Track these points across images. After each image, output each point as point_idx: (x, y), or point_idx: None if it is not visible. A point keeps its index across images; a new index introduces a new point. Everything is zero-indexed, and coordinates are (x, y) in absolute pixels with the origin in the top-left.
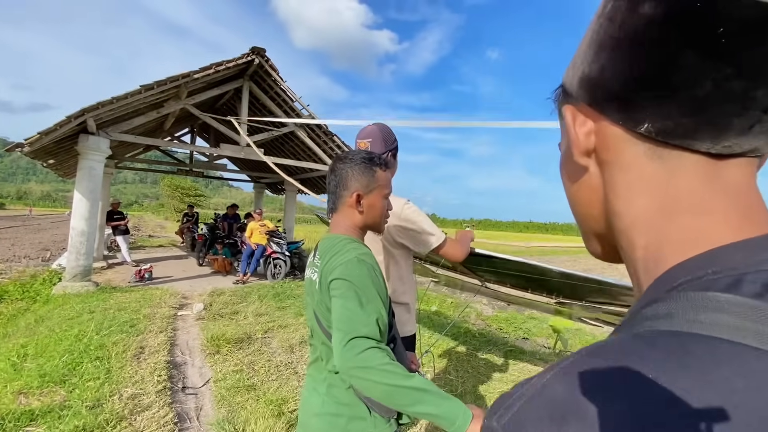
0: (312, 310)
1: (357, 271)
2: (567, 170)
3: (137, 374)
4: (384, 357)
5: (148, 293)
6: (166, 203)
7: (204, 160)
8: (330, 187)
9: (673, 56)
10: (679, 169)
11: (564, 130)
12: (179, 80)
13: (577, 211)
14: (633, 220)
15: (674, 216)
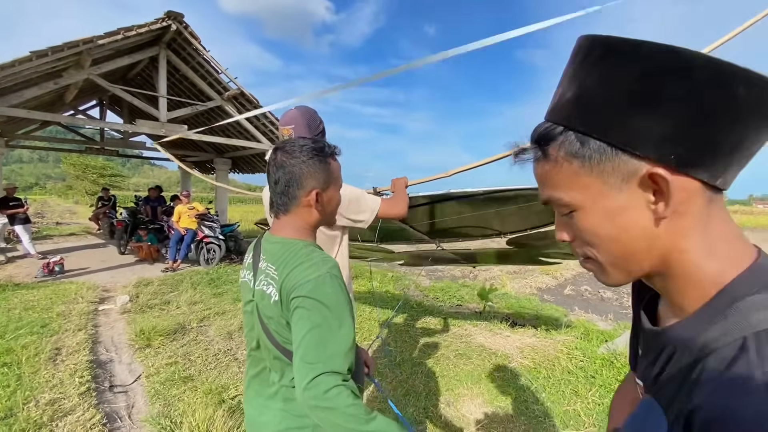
0: (257, 321)
1: (330, 291)
2: (626, 222)
3: (54, 378)
4: (350, 398)
5: (60, 288)
6: (74, 185)
7: (118, 137)
8: (279, 186)
9: (744, 125)
10: (716, 208)
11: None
12: (80, 46)
13: (629, 256)
14: (700, 254)
15: (724, 243)
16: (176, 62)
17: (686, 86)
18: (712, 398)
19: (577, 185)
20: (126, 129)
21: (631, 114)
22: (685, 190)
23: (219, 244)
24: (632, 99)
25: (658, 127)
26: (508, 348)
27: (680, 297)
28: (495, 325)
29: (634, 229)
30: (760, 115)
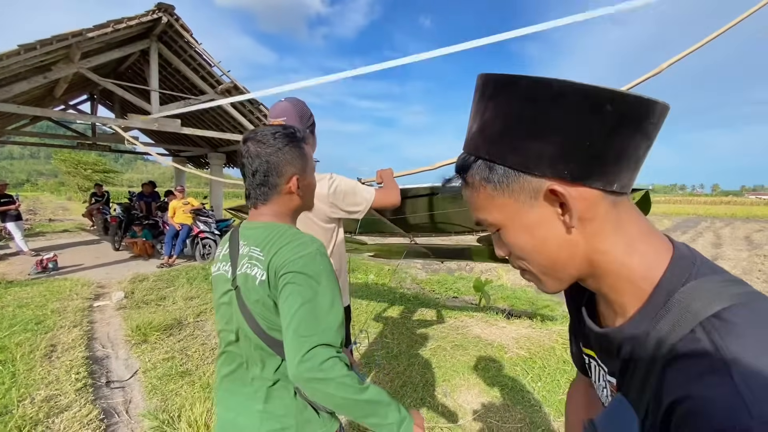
0: (236, 311)
1: (320, 267)
2: (543, 234)
3: (50, 374)
4: (344, 368)
5: (54, 285)
6: (67, 181)
7: (110, 132)
8: (257, 177)
9: (631, 137)
10: (625, 210)
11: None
12: (69, 39)
13: (555, 264)
14: (620, 251)
15: (641, 241)
16: (168, 55)
17: (562, 111)
18: (683, 391)
19: (495, 206)
20: (118, 124)
21: (523, 140)
22: (585, 200)
23: (214, 239)
24: (521, 127)
25: (548, 148)
26: (504, 339)
27: (615, 294)
28: (491, 316)
29: (552, 240)
30: (629, 124)
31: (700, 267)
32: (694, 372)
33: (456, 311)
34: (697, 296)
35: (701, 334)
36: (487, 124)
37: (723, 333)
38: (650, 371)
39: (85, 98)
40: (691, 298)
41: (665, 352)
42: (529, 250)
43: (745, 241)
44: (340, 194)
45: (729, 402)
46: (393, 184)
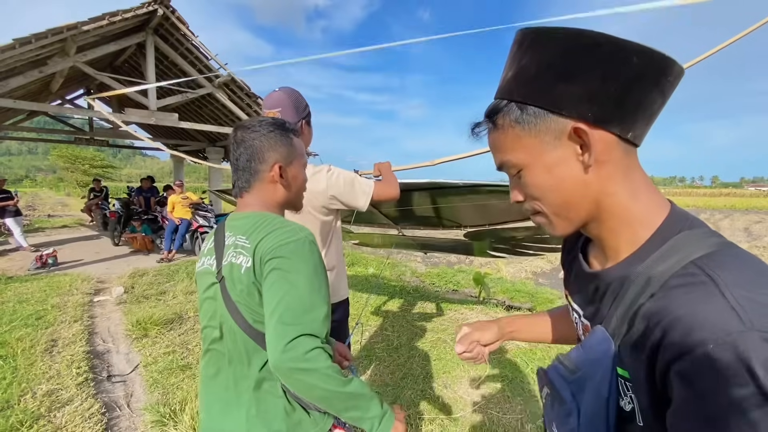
0: (221, 305)
1: (308, 255)
2: (562, 174)
3: (51, 369)
4: (328, 359)
5: (54, 281)
6: (65, 177)
7: (107, 127)
8: (240, 162)
9: (649, 90)
10: (634, 159)
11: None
12: (64, 32)
13: (568, 203)
14: (626, 196)
15: (644, 191)
16: (164, 49)
17: (595, 58)
18: (677, 312)
19: (521, 147)
20: (114, 118)
21: (556, 83)
22: (603, 142)
23: None
24: (555, 71)
25: (576, 91)
26: None
27: (614, 237)
28: (491, 309)
29: (569, 179)
30: (650, 78)
31: (692, 221)
32: (687, 296)
33: (456, 304)
34: (690, 242)
35: (693, 268)
36: (523, 70)
37: (714, 267)
38: (635, 303)
39: (82, 93)
40: (684, 243)
41: (656, 285)
42: (546, 188)
43: (745, 232)
44: (339, 186)
45: (723, 314)
46: (392, 177)
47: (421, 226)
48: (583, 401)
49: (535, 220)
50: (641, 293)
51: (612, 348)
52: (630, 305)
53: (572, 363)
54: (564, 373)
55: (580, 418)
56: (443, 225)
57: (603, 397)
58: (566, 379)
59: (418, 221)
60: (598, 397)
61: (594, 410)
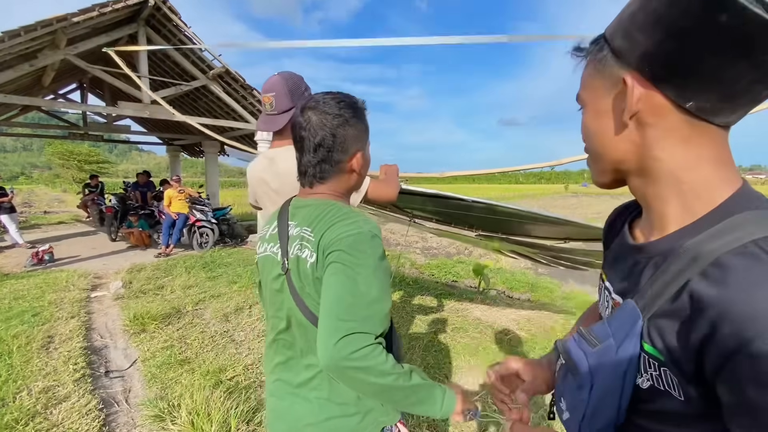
0: (288, 297)
1: (372, 250)
2: (605, 124)
3: (48, 366)
4: (382, 355)
5: (50, 277)
6: (61, 173)
7: (102, 122)
8: (319, 152)
9: (731, 62)
10: (703, 134)
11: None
12: (54, 24)
13: (608, 155)
14: (677, 165)
15: (709, 165)
16: (157, 40)
17: (670, 9)
18: (734, 294)
19: (590, 85)
20: (108, 112)
21: (632, 31)
22: (651, 103)
23: (212, 228)
24: (637, 20)
25: (645, 42)
26: (505, 321)
27: (660, 204)
28: (491, 299)
29: (608, 132)
30: (738, 46)
31: (765, 202)
32: (745, 279)
33: (456, 295)
34: (755, 221)
35: (754, 248)
36: (624, 12)
37: None
38: (678, 278)
39: (75, 87)
40: (747, 222)
41: (706, 261)
42: (590, 133)
43: None
44: None
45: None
46: (394, 179)
47: (433, 220)
48: (598, 375)
49: (587, 160)
50: (686, 268)
51: (640, 323)
52: (671, 280)
53: (594, 335)
54: (584, 345)
55: (593, 391)
56: (454, 223)
57: (620, 373)
58: (585, 351)
59: (430, 214)
60: (615, 372)
61: (608, 385)
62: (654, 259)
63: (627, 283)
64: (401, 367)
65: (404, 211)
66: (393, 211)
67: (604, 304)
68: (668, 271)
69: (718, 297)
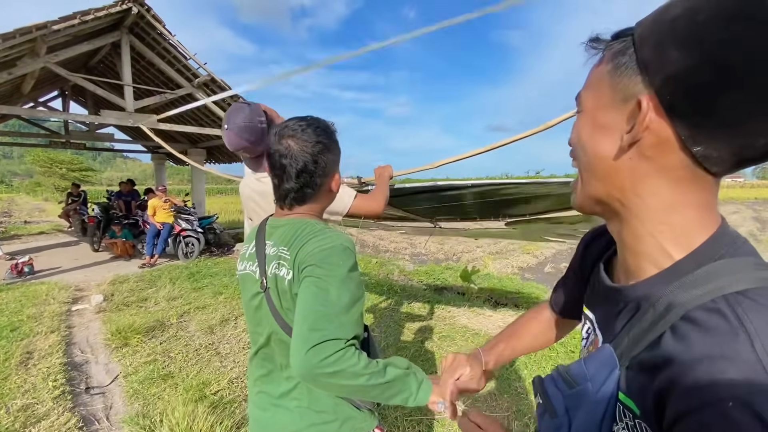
0: (267, 314)
1: (343, 261)
2: (601, 141)
3: (27, 383)
4: (355, 356)
5: (30, 290)
6: (43, 181)
7: (84, 129)
8: (302, 178)
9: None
10: (696, 179)
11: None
12: (33, 32)
13: (599, 178)
14: (658, 206)
15: (690, 209)
16: (140, 48)
17: (729, 30)
18: (694, 352)
19: (596, 89)
20: (91, 120)
21: (673, 41)
22: (657, 136)
23: (198, 237)
24: (683, 25)
25: (679, 62)
26: (491, 328)
27: (637, 243)
28: (478, 305)
29: (602, 151)
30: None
31: (741, 247)
32: (711, 338)
33: (443, 302)
34: (727, 272)
35: (723, 305)
36: (667, 7)
37: (747, 308)
38: (651, 329)
39: (56, 94)
40: (720, 273)
41: (677, 315)
42: (581, 145)
43: None
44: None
45: (747, 368)
46: (383, 189)
47: (457, 219)
48: (576, 418)
49: (573, 165)
50: (660, 319)
51: (617, 371)
52: (645, 331)
53: (572, 377)
54: (561, 385)
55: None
56: (478, 217)
57: (597, 419)
58: (563, 392)
59: (453, 214)
60: (592, 417)
61: (586, 430)
62: (630, 304)
63: (607, 324)
64: (375, 365)
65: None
66: (415, 220)
67: (588, 335)
68: (643, 319)
69: (680, 355)
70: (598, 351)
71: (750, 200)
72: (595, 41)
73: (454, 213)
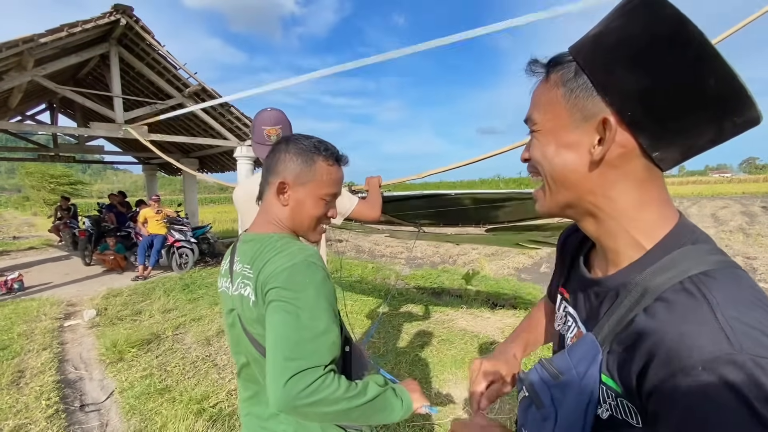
0: (242, 333)
1: (310, 278)
2: (569, 158)
3: (19, 402)
4: (334, 382)
5: (20, 307)
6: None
7: (73, 142)
8: (263, 171)
9: (706, 122)
10: (654, 178)
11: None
12: (20, 46)
13: (570, 190)
14: (629, 205)
15: (654, 205)
16: (129, 59)
17: (673, 57)
18: (667, 327)
19: (552, 110)
20: (80, 133)
21: (622, 64)
22: (623, 147)
23: (191, 248)
24: (630, 51)
25: (634, 83)
26: (489, 330)
27: (612, 241)
28: (476, 308)
29: (571, 166)
30: (713, 110)
31: (698, 236)
32: (678, 314)
33: (441, 305)
34: (689, 257)
35: (689, 284)
36: (605, 33)
37: (710, 285)
38: (628, 314)
39: (44, 107)
40: (683, 258)
41: (650, 298)
42: (548, 161)
43: (712, 218)
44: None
45: (712, 336)
46: (377, 197)
47: (441, 224)
48: (562, 407)
49: (532, 178)
50: (636, 304)
51: (599, 356)
52: (624, 315)
53: (556, 368)
54: (546, 377)
55: (557, 423)
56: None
57: (583, 404)
58: (548, 383)
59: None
60: (578, 404)
61: (573, 417)
62: (610, 293)
63: (588, 315)
64: (355, 386)
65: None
66: (400, 224)
67: (571, 328)
68: (621, 305)
69: (654, 330)
70: (580, 340)
71: (738, 195)
72: (534, 64)
73: (438, 218)
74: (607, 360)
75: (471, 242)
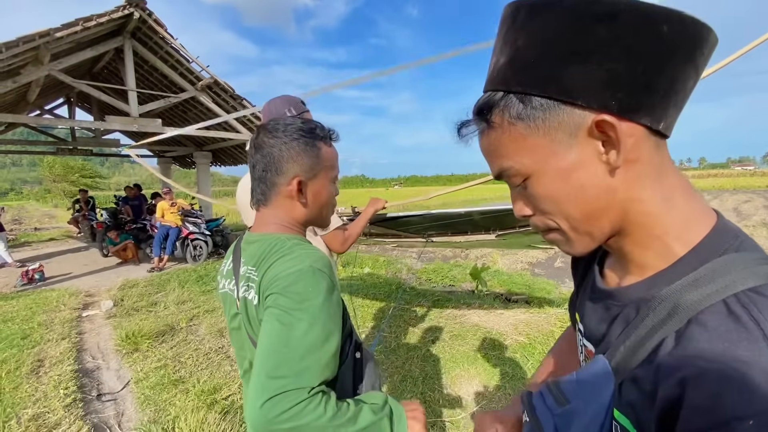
0: (246, 338)
1: (310, 288)
2: (583, 178)
3: (38, 391)
4: (319, 407)
5: (41, 297)
6: (53, 188)
7: (91, 136)
8: (256, 171)
9: (681, 69)
10: (664, 156)
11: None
12: (36, 40)
13: (590, 216)
14: (660, 201)
15: (679, 195)
16: (143, 53)
17: (613, 31)
18: (708, 364)
19: (525, 149)
20: (96, 126)
21: (566, 65)
22: (632, 136)
23: (205, 240)
24: (564, 50)
25: (595, 74)
26: (503, 325)
27: (640, 252)
28: (488, 303)
29: (591, 187)
30: (683, 51)
31: (743, 241)
32: (723, 343)
33: (453, 300)
34: (736, 268)
35: (735, 305)
36: (521, 52)
37: (762, 307)
38: (652, 335)
39: (62, 102)
40: (726, 269)
41: (683, 318)
42: (562, 200)
43: (734, 212)
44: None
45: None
46: (357, 227)
47: (449, 233)
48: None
49: (547, 238)
50: (662, 324)
51: (612, 386)
52: (644, 338)
53: (562, 393)
54: (550, 402)
55: None
56: (470, 231)
57: None
58: (552, 410)
59: (445, 229)
60: None
61: None
62: (627, 309)
63: (598, 332)
64: (345, 411)
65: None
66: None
67: (580, 347)
68: (641, 326)
69: (688, 364)
70: (590, 364)
71: (762, 189)
72: (466, 125)
73: (447, 228)
74: (620, 392)
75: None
